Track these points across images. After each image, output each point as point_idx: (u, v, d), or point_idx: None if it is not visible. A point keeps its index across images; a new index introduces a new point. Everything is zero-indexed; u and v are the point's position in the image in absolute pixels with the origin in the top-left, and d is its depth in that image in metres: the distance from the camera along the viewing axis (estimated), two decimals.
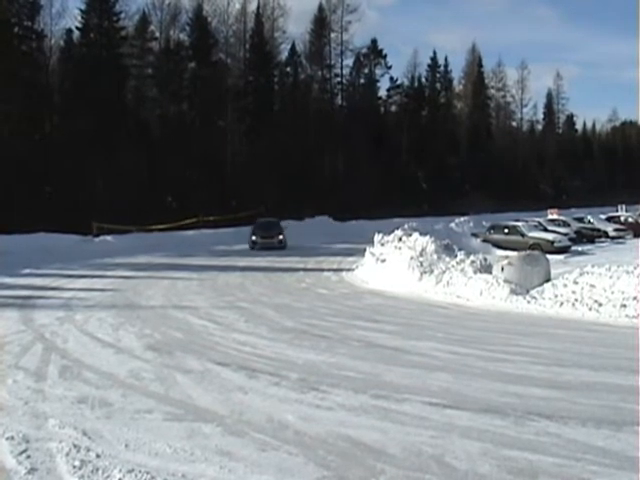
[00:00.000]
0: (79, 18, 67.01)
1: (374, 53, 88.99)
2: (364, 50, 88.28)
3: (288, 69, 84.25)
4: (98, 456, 8.93)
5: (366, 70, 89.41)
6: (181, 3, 74.52)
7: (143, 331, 17.97)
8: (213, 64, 73.58)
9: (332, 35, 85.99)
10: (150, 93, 72.88)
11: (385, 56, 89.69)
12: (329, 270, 33.57)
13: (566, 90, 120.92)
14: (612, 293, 20.72)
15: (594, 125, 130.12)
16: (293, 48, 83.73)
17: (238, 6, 79.20)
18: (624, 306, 20.03)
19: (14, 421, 10.35)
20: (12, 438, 9.58)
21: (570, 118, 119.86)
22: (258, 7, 79.79)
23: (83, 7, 66.71)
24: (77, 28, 67.27)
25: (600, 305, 20.42)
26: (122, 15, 68.29)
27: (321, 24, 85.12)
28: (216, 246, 42.58)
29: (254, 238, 46.04)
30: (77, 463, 8.68)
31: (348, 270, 32.81)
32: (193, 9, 74.51)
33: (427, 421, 10.34)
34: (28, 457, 8.90)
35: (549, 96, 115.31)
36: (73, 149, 56.86)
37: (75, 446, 9.25)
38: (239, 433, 9.82)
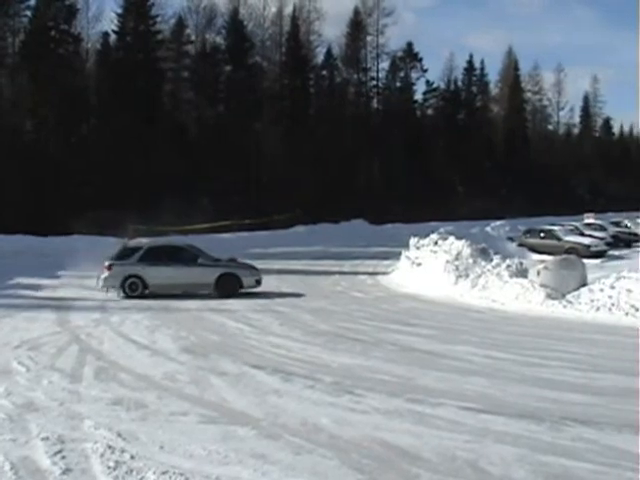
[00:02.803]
0: (115, 22, 67.56)
1: (410, 56, 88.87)
2: (400, 53, 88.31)
3: (324, 72, 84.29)
4: (133, 457, 8.97)
5: (402, 73, 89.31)
6: (217, 7, 74.91)
7: (179, 333, 18.05)
8: (249, 67, 73.75)
9: (368, 38, 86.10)
10: (186, 96, 73.25)
11: (421, 59, 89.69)
12: (365, 273, 33.57)
13: (603, 93, 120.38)
14: None
15: (632, 129, 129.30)
16: (329, 51, 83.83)
17: (274, 9, 79.50)
18: None
19: (49, 422, 10.41)
20: (47, 439, 9.63)
21: (607, 122, 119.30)
22: (294, 10, 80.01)
23: (120, 11, 67.20)
24: (114, 32, 67.73)
25: (637, 310, 20.30)
26: (158, 19, 68.70)
27: (357, 27, 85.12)
28: (251, 249, 42.47)
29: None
30: (112, 464, 8.71)
31: (384, 274, 32.78)
32: (229, 12, 74.86)
33: (462, 426, 10.31)
34: (63, 458, 8.94)
35: (586, 99, 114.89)
36: (110, 152, 57.24)
37: (110, 447, 9.29)
38: (274, 436, 9.82)
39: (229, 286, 26.42)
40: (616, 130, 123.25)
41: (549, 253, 33.79)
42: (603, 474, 8.57)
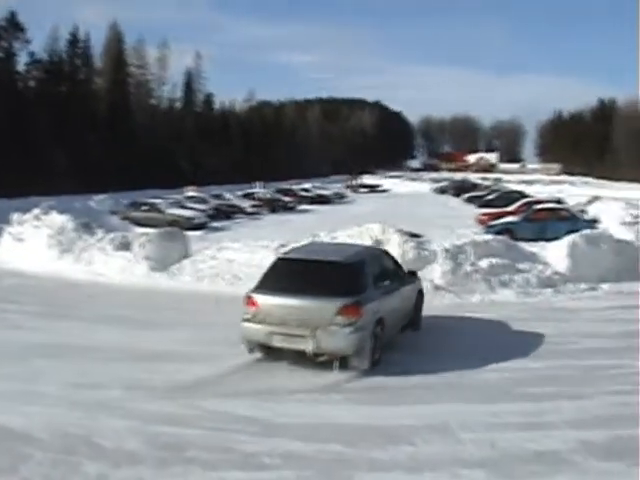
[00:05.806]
0: None
1: (13, 26, 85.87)
2: (2, 23, 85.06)
3: None
4: None
5: (5, 43, 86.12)
6: None
7: None
8: None
9: None
10: None
11: (25, 29, 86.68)
12: None
13: (206, 70, 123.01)
14: (250, 267, 21.41)
15: (232, 104, 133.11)
16: None
17: None
18: None
19: None
20: None
21: (209, 97, 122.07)
22: None
23: None
24: None
25: (239, 279, 21.06)
26: None
27: None
28: None
29: None
30: None
31: None
32: None
33: (73, 403, 10.29)
34: None
35: (189, 75, 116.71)
36: None
37: None
38: None
39: (420, 313, 16.23)
40: (218, 106, 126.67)
41: (152, 226, 34.10)
42: (212, 438, 9.12)
